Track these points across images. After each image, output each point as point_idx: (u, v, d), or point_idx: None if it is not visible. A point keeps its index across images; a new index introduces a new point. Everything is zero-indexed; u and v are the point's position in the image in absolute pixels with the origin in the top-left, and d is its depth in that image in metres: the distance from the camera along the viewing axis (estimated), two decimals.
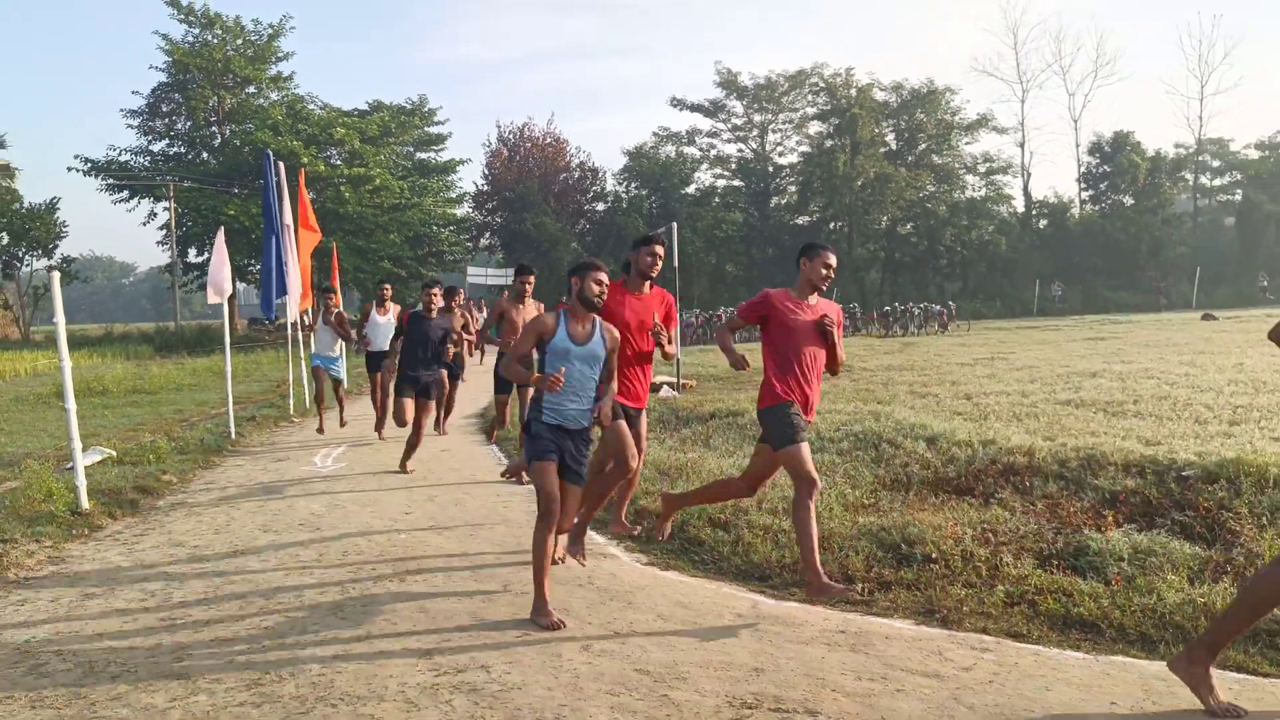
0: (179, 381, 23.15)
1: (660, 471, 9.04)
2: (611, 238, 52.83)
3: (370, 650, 4.88)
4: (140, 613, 5.62)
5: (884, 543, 6.39)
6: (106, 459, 10.90)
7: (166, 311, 67.48)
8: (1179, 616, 5.01)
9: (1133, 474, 7.22)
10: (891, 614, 5.44)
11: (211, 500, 9.14)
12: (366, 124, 50.80)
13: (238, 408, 14.68)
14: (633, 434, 6.33)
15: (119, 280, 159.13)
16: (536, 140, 59.33)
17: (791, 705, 4.13)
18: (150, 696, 4.33)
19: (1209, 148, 64.98)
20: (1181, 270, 55.23)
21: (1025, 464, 7.79)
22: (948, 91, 58.09)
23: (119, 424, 14.76)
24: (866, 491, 7.78)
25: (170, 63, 50.91)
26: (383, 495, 9.19)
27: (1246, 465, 6.85)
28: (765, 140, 61.16)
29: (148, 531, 7.84)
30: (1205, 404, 10.26)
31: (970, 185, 60.53)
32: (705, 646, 4.88)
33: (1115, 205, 57.85)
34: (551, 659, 4.72)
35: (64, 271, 46.21)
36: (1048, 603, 5.33)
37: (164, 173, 51.50)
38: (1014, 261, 57.00)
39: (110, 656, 4.86)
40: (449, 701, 4.21)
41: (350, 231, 48.02)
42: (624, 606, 5.60)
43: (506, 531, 7.53)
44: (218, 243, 13.59)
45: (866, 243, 58.46)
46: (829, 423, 10.54)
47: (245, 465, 11.23)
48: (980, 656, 4.70)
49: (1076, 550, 6.01)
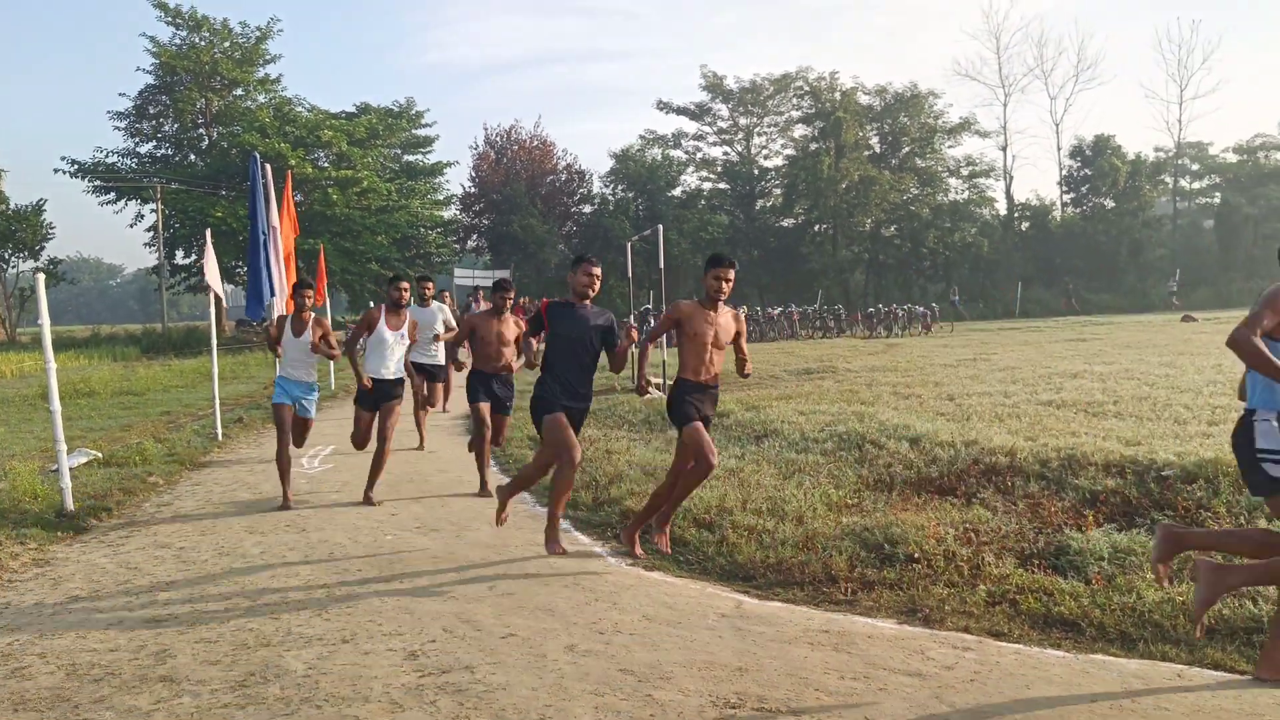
0: (166, 383, 23.07)
1: (646, 472, 9.07)
2: (598, 240, 52.82)
3: (355, 651, 4.90)
4: (125, 614, 5.62)
5: (867, 543, 6.44)
6: (92, 461, 10.88)
7: (154, 313, 67.08)
8: (1158, 615, 5.06)
9: (1113, 474, 7.28)
10: (874, 613, 5.48)
11: (198, 502, 9.13)
12: (354, 126, 50.71)
13: (225, 409, 14.65)
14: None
15: (106, 282, 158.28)
16: (523, 143, 59.27)
17: (775, 705, 4.16)
18: (134, 699, 4.33)
19: (1188, 151, 65.44)
20: (1161, 272, 55.74)
21: (1007, 464, 7.85)
22: (931, 95, 58.54)
23: (105, 426, 14.72)
24: (850, 492, 7.83)
25: (157, 65, 50.74)
26: None
27: (1225, 465, 6.91)
28: (750, 143, 61.35)
29: (133, 533, 7.83)
30: (1185, 404, 10.35)
31: (953, 188, 61.04)
32: (689, 646, 4.91)
33: (1096, 208, 58.39)
34: (536, 659, 4.74)
35: (50, 273, 45.99)
36: (1029, 602, 5.38)
37: (151, 175, 51.29)
38: (996, 263, 57.46)
39: (94, 659, 4.86)
40: (434, 702, 4.22)
41: (337, 233, 47.94)
42: (609, 607, 5.63)
43: (492, 533, 7.54)
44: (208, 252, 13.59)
45: (851, 245, 58.68)
46: (813, 423, 10.60)
47: (232, 467, 11.21)
48: (962, 655, 4.75)
49: (1057, 550, 6.07)
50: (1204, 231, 63.84)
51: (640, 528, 6.86)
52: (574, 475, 6.71)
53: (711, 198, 60.34)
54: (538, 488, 9.40)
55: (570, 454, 6.44)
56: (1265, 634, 4.62)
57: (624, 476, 8.97)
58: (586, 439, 11.41)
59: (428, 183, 57.00)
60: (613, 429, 12.50)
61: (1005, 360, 18.37)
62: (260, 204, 14.63)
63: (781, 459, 9.25)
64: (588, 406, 6.84)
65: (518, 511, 8.55)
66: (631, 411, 13.59)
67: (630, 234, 42.43)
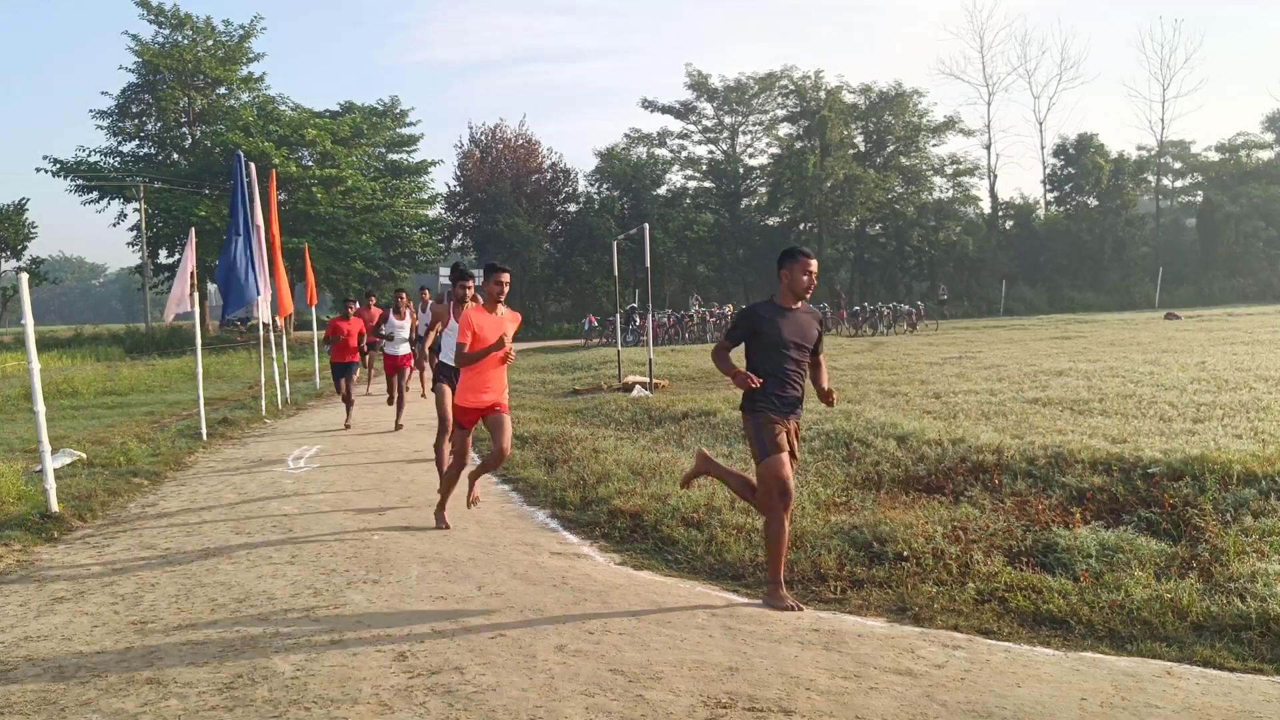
0: (150, 383, 22.94)
1: (634, 471, 9.06)
2: (583, 238, 52.80)
3: (343, 653, 4.87)
4: (110, 616, 5.58)
5: (856, 541, 6.44)
6: (76, 461, 10.80)
7: (137, 313, 66.75)
8: (1146, 612, 5.09)
9: (1099, 471, 7.31)
10: (864, 612, 5.49)
11: (183, 503, 9.07)
12: (338, 125, 50.49)
13: (209, 409, 14.58)
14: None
15: (89, 281, 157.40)
16: (508, 141, 59.14)
17: (766, 704, 4.15)
18: (121, 701, 4.30)
19: (1170, 150, 65.75)
20: (1144, 270, 56.11)
21: (994, 462, 7.87)
22: (915, 94, 58.74)
23: (89, 426, 14.62)
24: (838, 490, 7.84)
25: (140, 63, 50.42)
26: (356, 496, 9.15)
27: (1210, 462, 6.95)
28: (735, 142, 61.43)
29: (118, 534, 7.78)
30: (1169, 402, 10.39)
31: (938, 186, 61.35)
32: (679, 646, 4.90)
33: (1079, 206, 58.65)
34: (526, 659, 4.72)
35: (33, 273, 45.62)
36: (1018, 599, 5.39)
37: (134, 174, 50.97)
38: (981, 262, 57.67)
39: (80, 661, 4.82)
40: (423, 704, 4.20)
41: (322, 232, 47.75)
42: (598, 606, 5.61)
43: (480, 532, 7.52)
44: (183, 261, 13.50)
45: (836, 243, 58.88)
46: (800, 421, 10.60)
47: (217, 466, 11.14)
48: (952, 654, 4.75)
49: (1045, 547, 6.09)
50: (1186, 230, 64.26)
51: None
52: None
53: (697, 196, 60.35)
54: (526, 486, 9.40)
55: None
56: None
57: (612, 476, 8.95)
58: (574, 438, 11.40)
59: (412, 181, 56.86)
60: (600, 428, 12.48)
61: (991, 358, 18.43)
62: (243, 202, 14.57)
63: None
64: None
65: (505, 511, 8.54)
66: (618, 410, 13.58)
67: (616, 233, 42.41)
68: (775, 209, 59.91)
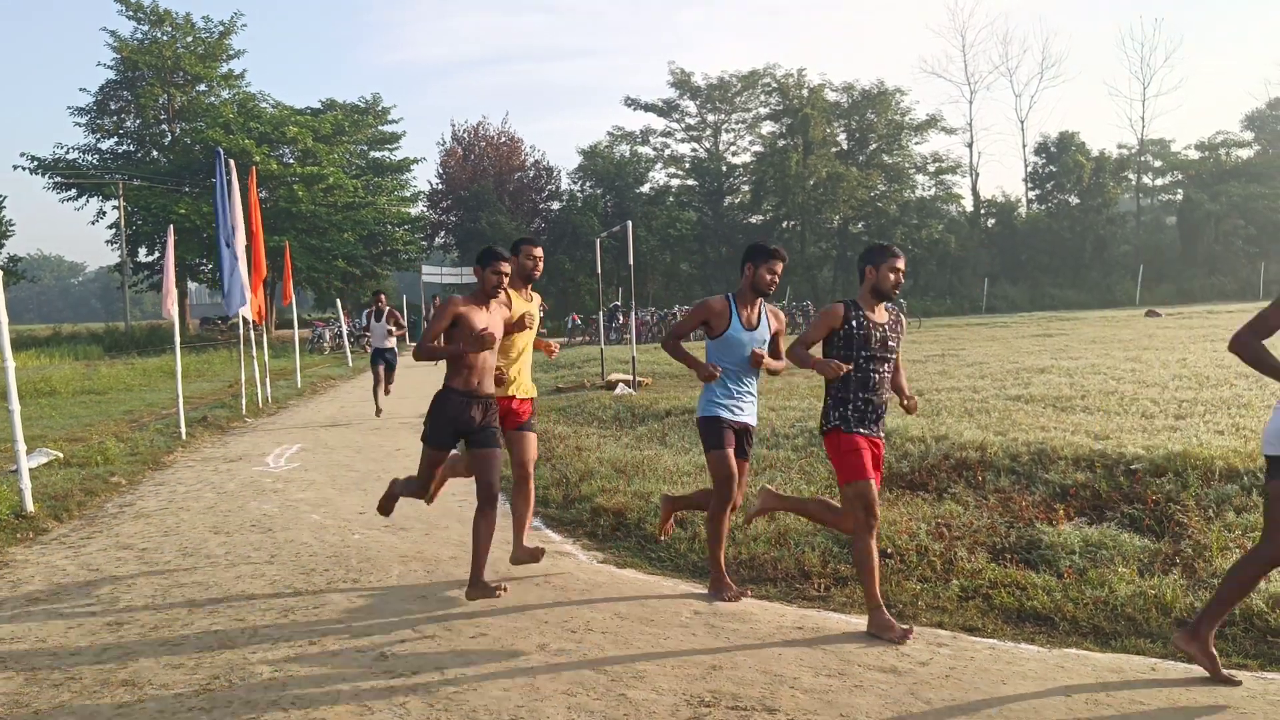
0: (129, 382, 22.76)
1: (617, 469, 9.02)
2: (567, 236, 52.76)
3: (322, 653, 4.81)
4: (86, 617, 5.50)
5: (839, 538, 6.41)
6: (53, 461, 10.69)
7: (116, 311, 66.33)
8: (1130, 609, 5.08)
9: (1082, 468, 7.30)
10: (848, 609, 5.46)
11: (161, 502, 8.98)
12: (319, 122, 50.26)
13: (188, 408, 14.45)
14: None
15: (68, 280, 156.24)
16: (491, 139, 59.12)
17: (750, 703, 4.12)
18: (96, 703, 4.23)
19: (1151, 148, 66.17)
20: (1125, 268, 56.44)
21: (977, 459, 7.86)
22: (898, 92, 59.09)
23: (66, 425, 14.48)
24: (822, 487, 7.81)
25: (119, 60, 50.09)
26: (336, 495, 9.08)
27: (1193, 458, 6.95)
28: (719, 140, 61.60)
29: (95, 535, 7.69)
30: (1151, 399, 10.41)
31: (920, 185, 61.78)
32: (662, 644, 4.87)
33: (1061, 204, 58.97)
34: (508, 659, 4.68)
35: (10, 271, 45.27)
36: (1002, 596, 5.38)
37: (113, 171, 50.65)
38: (963, 260, 57.91)
39: (55, 663, 4.75)
40: (403, 704, 4.15)
41: (304, 230, 47.53)
42: (581, 605, 5.57)
43: (462, 531, 7.45)
44: (167, 258, 13.44)
45: (819, 241, 59.10)
46: (783, 419, 10.58)
47: (196, 466, 11.05)
48: (937, 651, 4.73)
49: (1029, 544, 6.08)
50: (1166, 228, 64.74)
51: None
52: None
53: (680, 194, 60.45)
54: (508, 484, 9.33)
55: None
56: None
57: (595, 474, 8.91)
58: (557, 435, 11.36)
59: (395, 179, 56.76)
60: (583, 425, 12.43)
61: (973, 355, 18.45)
62: (223, 201, 14.46)
63: (753, 455, 9.20)
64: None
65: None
66: (601, 408, 13.54)
67: (599, 230, 42.40)
68: (758, 207, 60.10)
